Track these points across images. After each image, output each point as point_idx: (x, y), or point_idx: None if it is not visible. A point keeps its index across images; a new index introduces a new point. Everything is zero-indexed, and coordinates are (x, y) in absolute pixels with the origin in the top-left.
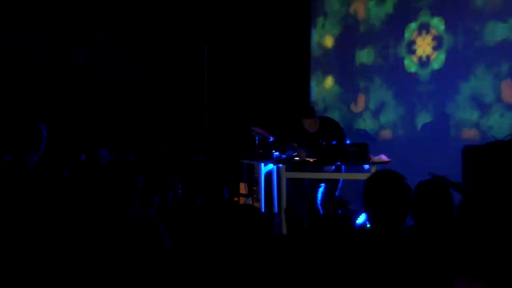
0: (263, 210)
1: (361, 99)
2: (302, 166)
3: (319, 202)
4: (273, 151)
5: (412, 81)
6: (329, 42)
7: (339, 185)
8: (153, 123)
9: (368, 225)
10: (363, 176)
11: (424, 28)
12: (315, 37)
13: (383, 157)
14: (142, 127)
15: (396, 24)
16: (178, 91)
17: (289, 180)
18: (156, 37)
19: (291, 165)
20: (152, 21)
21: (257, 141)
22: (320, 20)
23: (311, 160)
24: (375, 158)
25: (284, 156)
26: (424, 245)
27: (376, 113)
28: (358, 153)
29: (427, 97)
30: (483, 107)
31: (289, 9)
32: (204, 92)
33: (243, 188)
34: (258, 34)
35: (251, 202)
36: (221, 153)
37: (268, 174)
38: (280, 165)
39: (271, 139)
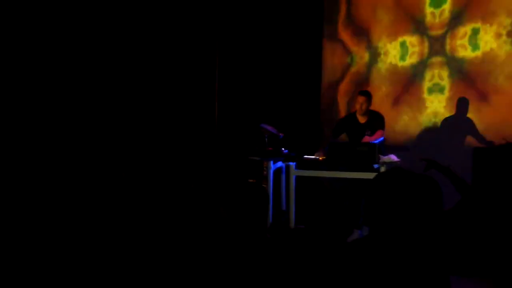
0: (271, 208)
1: None
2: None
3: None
4: (282, 148)
5: None
6: None
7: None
8: (162, 119)
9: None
10: (372, 175)
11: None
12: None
13: (393, 157)
14: (151, 123)
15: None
16: (188, 88)
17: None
18: (168, 32)
19: (300, 163)
20: (164, 13)
21: (266, 138)
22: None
23: (320, 159)
24: (385, 158)
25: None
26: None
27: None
28: (368, 153)
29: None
30: None
31: (302, 7)
32: (215, 88)
33: None
34: (270, 30)
35: None
36: (231, 150)
37: (277, 172)
38: (290, 163)
39: (281, 136)
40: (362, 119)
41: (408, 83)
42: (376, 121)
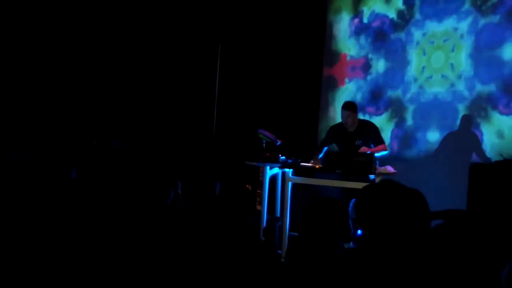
0: (265, 213)
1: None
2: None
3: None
4: (280, 154)
5: None
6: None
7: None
8: (162, 121)
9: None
10: None
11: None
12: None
13: (389, 168)
14: (151, 124)
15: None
16: (188, 92)
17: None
18: (168, 35)
19: (297, 170)
20: (166, 18)
21: (264, 144)
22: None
23: (317, 167)
24: (381, 169)
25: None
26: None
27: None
28: (364, 163)
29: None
30: None
31: (304, 13)
32: (214, 93)
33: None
34: (272, 36)
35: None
36: (228, 154)
37: (273, 178)
38: (286, 169)
39: (278, 142)
40: (351, 128)
41: (409, 92)
42: (366, 129)
